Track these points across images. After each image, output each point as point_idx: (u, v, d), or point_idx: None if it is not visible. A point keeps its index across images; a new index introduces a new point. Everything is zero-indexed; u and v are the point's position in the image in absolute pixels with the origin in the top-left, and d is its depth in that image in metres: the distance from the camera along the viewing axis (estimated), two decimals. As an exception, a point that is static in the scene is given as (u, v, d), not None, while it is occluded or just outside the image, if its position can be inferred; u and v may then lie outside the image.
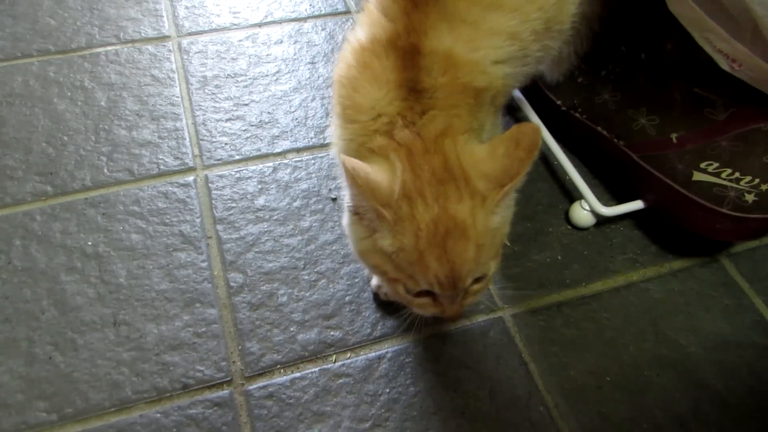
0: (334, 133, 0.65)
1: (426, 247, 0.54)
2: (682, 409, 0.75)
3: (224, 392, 0.73)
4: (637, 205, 0.87)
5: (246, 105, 1.03)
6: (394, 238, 0.55)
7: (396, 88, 0.57)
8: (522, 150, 0.54)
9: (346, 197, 0.59)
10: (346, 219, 0.62)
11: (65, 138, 0.96)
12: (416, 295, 0.59)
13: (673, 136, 0.80)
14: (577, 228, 0.91)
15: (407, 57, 0.57)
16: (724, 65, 0.69)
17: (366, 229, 0.57)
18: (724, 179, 0.76)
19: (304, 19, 1.18)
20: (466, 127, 0.58)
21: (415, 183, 0.54)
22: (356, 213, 0.57)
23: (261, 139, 0.98)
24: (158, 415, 0.71)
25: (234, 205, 0.90)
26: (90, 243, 0.84)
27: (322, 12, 1.19)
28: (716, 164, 0.76)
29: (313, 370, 0.75)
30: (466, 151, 0.56)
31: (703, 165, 0.77)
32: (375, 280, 0.80)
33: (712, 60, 0.70)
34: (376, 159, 0.57)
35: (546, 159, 0.99)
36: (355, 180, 0.52)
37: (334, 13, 1.19)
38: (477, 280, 0.58)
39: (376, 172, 0.55)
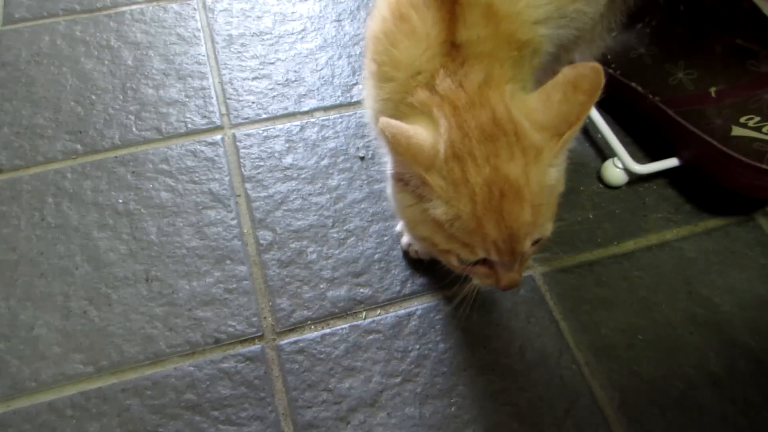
0: (367, 94, 0.61)
1: (483, 213, 0.51)
2: (716, 368, 0.74)
3: (256, 347, 0.74)
4: (672, 162, 0.85)
5: (272, 63, 1.02)
6: (447, 206, 0.52)
7: (438, 44, 0.54)
8: (582, 93, 0.51)
9: (388, 164, 0.56)
10: (389, 187, 0.60)
11: (93, 97, 0.96)
12: (471, 265, 0.56)
13: (712, 89, 0.77)
14: (609, 186, 0.89)
15: (447, 9, 0.54)
16: (769, 13, 0.67)
17: (412, 196, 0.54)
18: (765, 134, 0.74)
19: (330, -24, 1.16)
20: (509, 77, 0.55)
21: (463, 141, 0.51)
22: (400, 180, 0.55)
23: (288, 98, 0.97)
24: (192, 368, 0.72)
25: (262, 163, 0.90)
26: (121, 201, 0.85)
27: (348, -32, 1.17)
28: (757, 118, 0.74)
29: (343, 326, 0.76)
30: (516, 101, 0.53)
31: (743, 119, 0.75)
32: (405, 238, 0.80)
33: (755, 8, 0.68)
34: (418, 116, 0.54)
35: (577, 117, 0.97)
36: (395, 147, 0.50)
37: (360, -30, 1.17)
38: (533, 244, 0.54)
39: (417, 133, 0.51)
